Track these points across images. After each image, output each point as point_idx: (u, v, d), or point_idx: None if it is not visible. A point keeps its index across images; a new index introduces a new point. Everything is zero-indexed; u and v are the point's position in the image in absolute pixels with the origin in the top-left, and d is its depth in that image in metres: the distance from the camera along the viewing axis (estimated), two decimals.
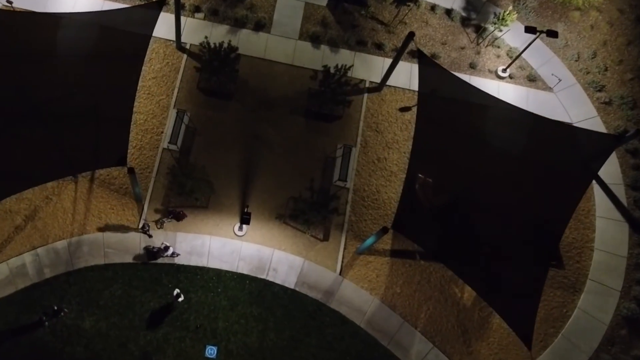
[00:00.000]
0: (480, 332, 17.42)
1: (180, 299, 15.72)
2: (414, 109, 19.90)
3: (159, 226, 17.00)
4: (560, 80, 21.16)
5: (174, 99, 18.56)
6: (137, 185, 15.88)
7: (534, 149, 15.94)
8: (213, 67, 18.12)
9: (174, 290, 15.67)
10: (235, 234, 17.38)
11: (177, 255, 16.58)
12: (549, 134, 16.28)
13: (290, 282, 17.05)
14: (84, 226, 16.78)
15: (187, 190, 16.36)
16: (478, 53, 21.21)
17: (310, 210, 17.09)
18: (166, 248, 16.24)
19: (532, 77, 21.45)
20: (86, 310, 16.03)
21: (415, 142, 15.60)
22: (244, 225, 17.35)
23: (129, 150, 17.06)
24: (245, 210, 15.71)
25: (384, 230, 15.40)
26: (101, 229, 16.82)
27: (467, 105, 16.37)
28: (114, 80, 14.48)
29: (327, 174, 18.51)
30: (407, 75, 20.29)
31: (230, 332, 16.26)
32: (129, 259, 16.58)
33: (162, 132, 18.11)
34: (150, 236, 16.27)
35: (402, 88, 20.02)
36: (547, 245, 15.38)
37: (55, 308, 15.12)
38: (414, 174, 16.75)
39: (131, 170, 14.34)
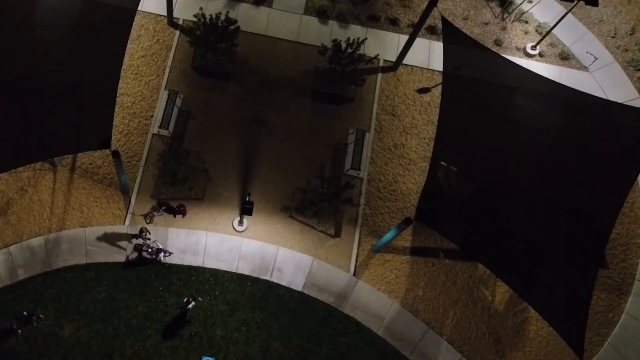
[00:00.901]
0: (515, 341, 16.40)
1: (190, 305, 14.72)
2: (434, 90, 19.18)
3: (148, 221, 16.04)
4: (596, 58, 20.25)
5: (165, 80, 17.75)
6: (123, 173, 14.88)
7: (576, 132, 14.89)
8: (209, 43, 17.24)
9: (185, 298, 14.69)
10: (234, 229, 16.48)
11: (170, 254, 15.62)
12: (593, 114, 15.21)
13: (297, 284, 16.22)
14: (64, 221, 15.90)
15: (179, 179, 15.35)
16: (504, 29, 20.32)
17: (319, 202, 16.13)
18: (159, 251, 15.32)
19: (564, 55, 20.49)
20: (65, 317, 15.14)
21: (440, 125, 14.75)
22: (245, 219, 16.45)
23: (114, 136, 16.33)
24: (247, 199, 14.62)
25: (407, 222, 14.31)
26: (83, 224, 15.95)
27: (498, 81, 15.44)
28: (97, 54, 13.77)
29: (337, 162, 17.61)
30: (425, 53, 19.46)
31: (230, 341, 15.37)
32: (114, 257, 15.69)
33: (151, 116, 17.24)
34: (147, 239, 15.32)
35: (420, 67, 19.21)
36: (594, 241, 14.18)
37: (25, 313, 14.08)
38: (437, 162, 15.98)
39: (116, 154, 13.37)
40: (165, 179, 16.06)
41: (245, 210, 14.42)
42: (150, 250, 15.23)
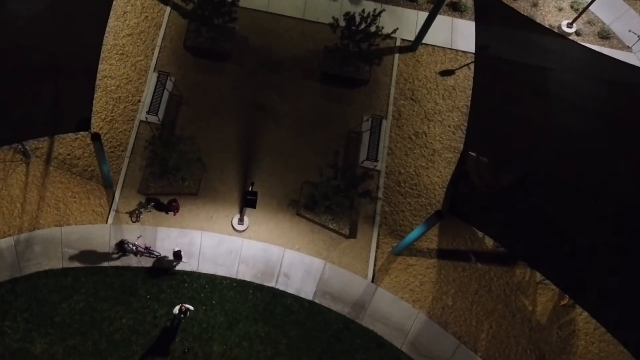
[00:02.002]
0: (561, 358, 15.52)
1: (183, 316, 13.95)
2: (459, 73, 18.67)
3: (134, 219, 15.33)
4: (639, 37, 19.73)
5: (154, 61, 17.27)
6: (105, 162, 14.18)
7: (632, 114, 14.18)
8: (204, 18, 16.65)
9: (176, 308, 13.90)
10: (234, 228, 15.75)
11: (157, 255, 14.87)
12: None
13: (307, 292, 15.49)
14: (37, 219, 15.22)
15: (170, 168, 14.63)
16: (535, 5, 19.87)
17: (333, 195, 15.37)
18: (148, 249, 14.55)
19: (604, 34, 19.94)
20: (37, 330, 14.38)
21: (472, 110, 14.23)
22: (246, 217, 15.71)
23: (96, 123, 15.72)
24: (250, 188, 13.85)
25: (438, 216, 13.51)
26: (59, 223, 15.28)
27: (540, 57, 14.79)
28: (75, 25, 13.19)
29: (351, 153, 17.03)
30: (447, 31, 18.90)
31: (229, 359, 14.61)
32: (94, 261, 15.00)
33: (139, 101, 16.69)
34: (132, 245, 14.68)
35: (442, 47, 18.72)
36: None
37: None
38: (466, 152, 15.53)
39: (96, 137, 12.70)
40: (153, 170, 15.42)
41: (248, 202, 13.62)
42: (136, 247, 14.57)
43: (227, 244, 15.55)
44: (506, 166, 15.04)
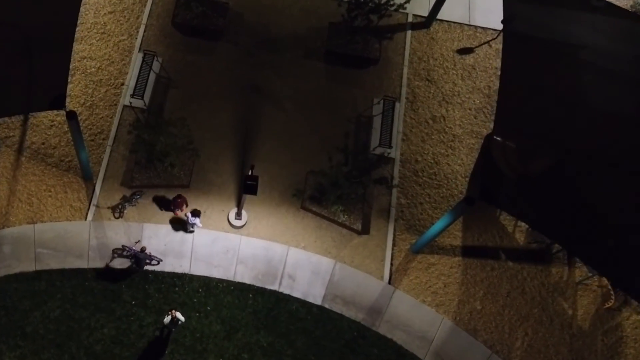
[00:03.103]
0: None
1: (173, 323, 13.44)
2: (479, 51, 18.36)
3: (117, 215, 14.86)
4: None
5: (139, 40, 16.98)
6: (84, 149, 13.69)
7: None
8: None
9: (167, 317, 13.44)
10: (230, 224, 15.27)
11: (158, 262, 14.46)
12: None
13: (315, 296, 15.02)
14: (7, 216, 14.83)
15: (158, 153, 14.17)
16: None
17: (342, 184, 14.86)
18: (148, 256, 14.09)
19: (637, 5, 19.65)
20: (5, 342, 13.91)
21: (502, 90, 14.11)
22: (244, 211, 15.19)
23: (75, 109, 15.31)
24: (250, 172, 13.35)
25: (469, 202, 12.92)
26: (32, 220, 14.85)
27: (571, 27, 14.76)
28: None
29: (361, 139, 16.63)
30: (463, 6, 18.62)
31: None
32: (72, 263, 14.52)
33: (122, 84, 16.36)
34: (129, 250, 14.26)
35: (459, 23, 18.42)
36: None
37: None
38: (490, 137, 15.65)
39: (72, 115, 12.28)
40: (139, 159, 15.03)
41: (248, 188, 13.08)
42: (135, 254, 14.13)
43: (223, 242, 15.16)
44: (539, 150, 14.79)
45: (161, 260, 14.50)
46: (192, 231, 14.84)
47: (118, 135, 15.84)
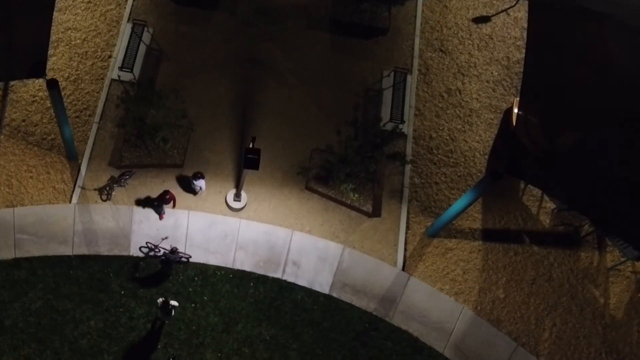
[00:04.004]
0: None
1: (166, 314, 12.60)
2: (496, 20, 17.52)
3: (104, 197, 14.09)
4: None
5: (128, 10, 16.14)
6: (67, 123, 12.78)
7: None
8: None
9: (160, 300, 12.62)
10: (229, 206, 14.43)
11: (188, 259, 13.54)
12: None
13: (322, 284, 14.32)
14: None
15: (148, 127, 13.32)
16: None
17: (353, 159, 13.99)
18: (175, 254, 13.09)
19: None
20: None
21: (528, 60, 13.72)
22: (243, 192, 14.35)
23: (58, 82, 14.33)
24: (251, 145, 12.46)
25: (495, 176, 11.91)
26: (11, 204, 14.06)
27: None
28: None
29: (369, 114, 15.80)
30: None
31: None
32: (55, 250, 13.77)
33: (109, 57, 15.51)
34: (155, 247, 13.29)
35: None
36: None
37: None
38: (511, 111, 15.73)
39: (53, 84, 11.41)
40: (128, 137, 14.27)
41: (249, 162, 12.12)
42: (162, 251, 13.21)
43: (221, 226, 14.37)
44: (566, 124, 13.92)
45: (190, 257, 13.58)
46: (197, 194, 14.07)
47: (105, 112, 15.00)
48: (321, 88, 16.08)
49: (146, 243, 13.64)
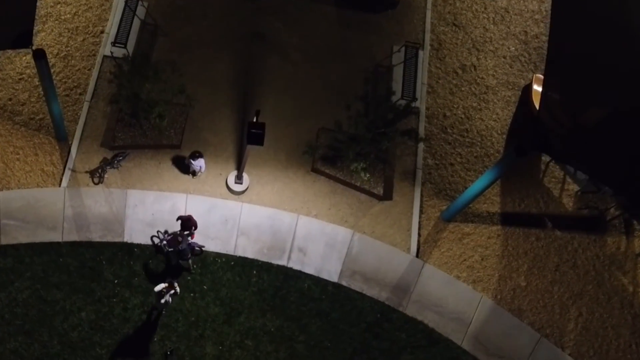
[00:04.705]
0: None
1: (164, 302, 11.89)
2: None
3: (96, 180, 13.35)
4: None
5: None
6: (56, 100, 12.04)
7: None
8: None
9: (159, 285, 11.92)
10: (229, 189, 13.70)
11: (201, 250, 12.83)
12: None
13: (330, 272, 13.66)
14: None
15: (143, 103, 12.64)
16: None
17: (364, 137, 13.23)
18: (188, 243, 12.30)
19: None
20: None
21: (553, 31, 12.94)
22: (245, 174, 13.60)
23: (45, 52, 13.61)
24: (255, 119, 11.73)
25: (519, 152, 11.10)
26: None
27: None
28: None
29: (379, 91, 14.98)
30: None
31: None
32: (44, 236, 13.13)
33: (101, 32, 14.72)
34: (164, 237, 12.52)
35: None
36: None
37: None
38: (530, 88, 15.14)
39: (40, 54, 10.71)
40: (122, 114, 13.53)
41: (252, 137, 11.32)
42: (173, 241, 12.29)
43: (221, 210, 13.66)
44: (592, 99, 13.13)
45: (204, 247, 12.87)
46: (196, 175, 13.37)
47: (97, 90, 14.21)
48: (327, 64, 15.37)
49: (158, 232, 12.88)
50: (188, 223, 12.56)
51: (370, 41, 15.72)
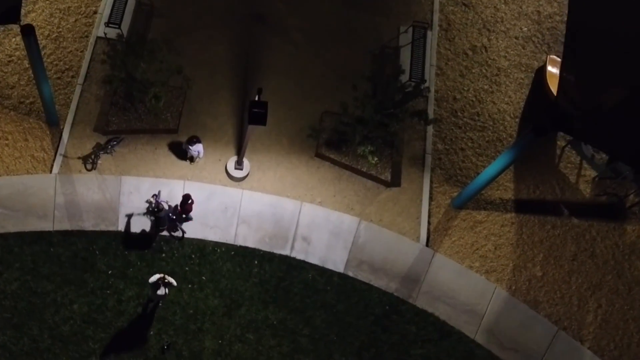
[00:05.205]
0: None
1: (161, 292, 11.42)
2: None
3: (89, 166, 12.83)
4: None
5: None
6: (46, 80, 11.52)
7: None
8: None
9: (154, 276, 11.47)
10: (229, 176, 13.17)
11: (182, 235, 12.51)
12: None
13: (336, 262, 13.16)
14: None
15: (138, 82, 12.08)
16: None
17: (372, 118, 12.59)
18: (170, 218, 12.06)
19: None
20: None
21: (571, 10, 12.26)
22: (246, 160, 13.06)
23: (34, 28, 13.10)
24: (257, 97, 11.22)
25: (538, 133, 10.55)
26: None
27: None
28: None
29: (387, 71, 14.19)
30: None
31: (228, 359, 12.19)
32: (34, 225, 12.67)
33: (94, 13, 14.20)
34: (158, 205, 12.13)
35: None
36: None
37: None
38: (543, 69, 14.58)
39: (28, 30, 10.23)
40: (116, 96, 12.98)
41: (255, 117, 10.76)
42: (160, 211, 11.93)
43: (221, 197, 13.15)
44: (610, 80, 12.55)
45: (185, 233, 12.55)
46: (194, 161, 12.93)
47: (90, 72, 13.68)
48: (331, 46, 14.81)
49: (153, 196, 12.19)
50: (184, 203, 12.06)
51: (375, 21, 15.18)
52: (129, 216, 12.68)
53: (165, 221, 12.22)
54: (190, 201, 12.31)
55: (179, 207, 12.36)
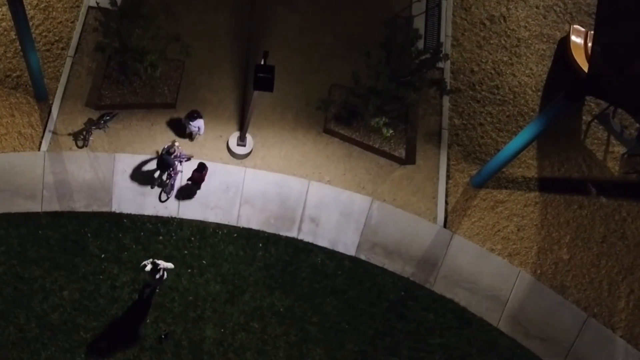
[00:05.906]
0: None
1: (158, 276, 10.65)
2: None
3: (80, 143, 12.05)
4: None
5: None
6: (33, 50, 10.73)
7: None
8: None
9: (148, 263, 10.78)
10: (231, 153, 12.39)
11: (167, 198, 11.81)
12: None
13: (347, 244, 12.43)
14: None
15: (132, 51, 11.26)
16: None
17: (386, 88, 11.72)
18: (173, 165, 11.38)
19: None
20: None
21: None
22: (249, 136, 12.24)
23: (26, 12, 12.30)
24: (262, 62, 10.46)
25: (572, 98, 9.67)
26: None
27: None
28: None
29: (397, 45, 13.25)
30: None
31: (230, 349, 11.52)
32: (21, 206, 11.95)
33: None
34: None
35: None
36: None
37: None
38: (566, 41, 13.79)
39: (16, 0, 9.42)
40: (108, 67, 12.14)
41: (260, 82, 10.05)
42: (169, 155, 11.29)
43: (222, 176, 12.40)
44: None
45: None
46: (193, 137, 12.19)
47: (81, 44, 12.87)
48: (339, 15, 14.05)
49: (174, 142, 11.45)
50: (199, 170, 11.33)
51: None
52: (123, 196, 11.86)
53: (168, 164, 11.41)
54: (204, 171, 11.55)
55: (192, 173, 11.57)
